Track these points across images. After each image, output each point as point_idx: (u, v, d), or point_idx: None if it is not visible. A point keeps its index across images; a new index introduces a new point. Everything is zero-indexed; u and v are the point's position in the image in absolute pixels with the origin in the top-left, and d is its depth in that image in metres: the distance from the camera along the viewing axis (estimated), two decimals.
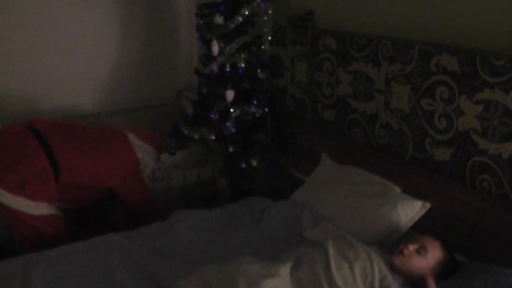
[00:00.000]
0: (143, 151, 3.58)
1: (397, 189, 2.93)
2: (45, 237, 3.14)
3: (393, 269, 2.43)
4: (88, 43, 4.26)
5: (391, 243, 2.74)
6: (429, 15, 2.96)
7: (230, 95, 3.64)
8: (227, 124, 3.68)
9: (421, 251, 2.43)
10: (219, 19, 3.56)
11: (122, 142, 3.50)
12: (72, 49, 4.20)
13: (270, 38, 3.76)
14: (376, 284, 2.34)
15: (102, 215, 3.85)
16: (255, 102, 3.77)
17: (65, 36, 4.15)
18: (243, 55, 3.67)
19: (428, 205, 2.80)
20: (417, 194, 2.86)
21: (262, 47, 3.76)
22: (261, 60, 3.77)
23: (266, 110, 3.85)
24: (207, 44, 3.70)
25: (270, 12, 3.66)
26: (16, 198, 3.05)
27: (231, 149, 3.78)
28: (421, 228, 2.74)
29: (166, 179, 4.06)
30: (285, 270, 2.41)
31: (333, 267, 2.37)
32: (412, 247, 2.45)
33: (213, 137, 3.75)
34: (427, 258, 2.42)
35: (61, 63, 4.18)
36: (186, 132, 3.85)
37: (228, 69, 3.68)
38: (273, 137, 3.98)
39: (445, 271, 2.44)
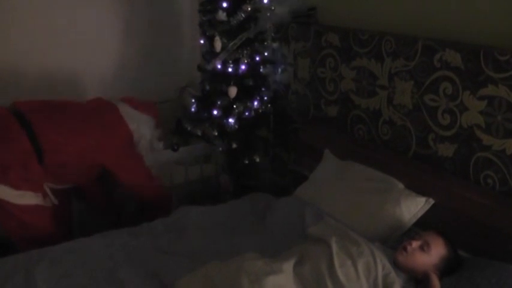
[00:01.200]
0: (138, 121, 3.43)
1: (401, 186, 2.92)
2: (31, 229, 3.07)
3: (396, 265, 2.43)
4: (90, 40, 4.25)
5: (394, 240, 2.73)
6: (432, 11, 2.95)
7: (233, 91, 3.64)
8: (230, 120, 3.67)
9: (424, 247, 2.42)
10: (221, 15, 3.55)
11: (110, 114, 3.35)
12: (74, 46, 4.19)
13: (272, 34, 3.76)
14: (380, 280, 2.33)
15: (113, 207, 3.81)
16: (258, 98, 3.76)
17: (68, 33, 4.15)
18: (245, 51, 3.66)
19: (431, 201, 2.80)
20: (420, 190, 2.85)
21: (265, 43, 3.76)
22: (264, 56, 3.77)
23: (269, 106, 3.84)
24: (210, 40, 3.69)
25: (272, 8, 3.65)
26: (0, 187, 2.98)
27: (234, 145, 3.78)
28: (424, 225, 2.73)
29: (170, 175, 4.06)
30: (288, 266, 2.41)
31: (336, 264, 2.37)
32: (415, 244, 2.44)
33: (216, 134, 3.75)
34: (430, 254, 2.42)
35: (63, 60, 4.17)
36: (189, 128, 3.85)
37: (231, 66, 3.67)
38: (275, 133, 3.98)
39: (448, 267, 2.43)
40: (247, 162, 3.85)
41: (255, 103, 3.74)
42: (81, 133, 3.15)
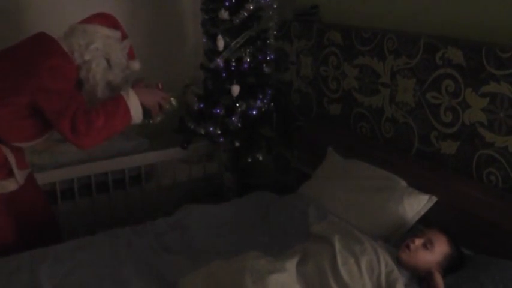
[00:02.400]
0: (94, 33, 2.92)
1: (403, 183, 2.92)
2: None
3: (400, 263, 2.42)
4: None
5: (397, 238, 2.73)
6: (434, 8, 2.95)
7: (236, 89, 3.65)
8: (233, 119, 3.68)
9: (427, 245, 2.42)
10: (224, 14, 3.56)
11: (35, 42, 2.88)
12: None
13: (275, 32, 3.76)
14: (383, 278, 2.33)
15: None
16: (261, 96, 3.77)
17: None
18: (248, 50, 3.67)
19: (434, 199, 2.79)
20: (423, 188, 2.84)
21: (268, 42, 3.76)
22: (267, 54, 3.77)
23: (272, 104, 3.85)
24: (213, 38, 3.70)
25: (275, 6, 3.66)
26: None
27: (237, 144, 3.79)
28: (427, 222, 2.73)
29: (173, 173, 4.07)
30: (291, 265, 2.41)
31: (339, 262, 2.37)
32: (418, 241, 2.44)
33: (219, 132, 3.75)
34: (433, 252, 2.41)
35: None
36: (192, 127, 3.86)
37: (234, 64, 3.68)
38: (278, 131, 3.98)
39: (451, 265, 2.43)
40: (250, 160, 3.86)
41: (258, 101, 3.74)
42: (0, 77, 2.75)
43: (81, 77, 2.87)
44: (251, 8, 3.58)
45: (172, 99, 3.03)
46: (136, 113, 2.86)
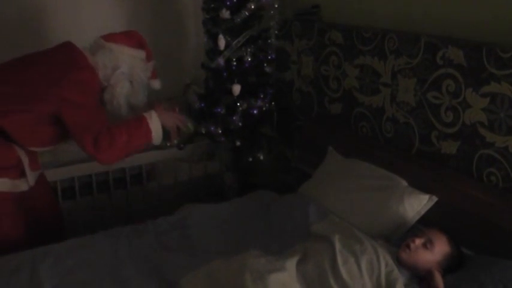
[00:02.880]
0: (120, 54, 2.98)
1: (404, 183, 2.92)
2: None
3: (400, 263, 2.43)
4: (93, 38, 4.26)
5: (397, 237, 2.73)
6: (435, 8, 2.95)
7: (237, 89, 3.65)
8: (234, 118, 3.68)
9: (427, 245, 2.43)
10: (225, 13, 3.56)
11: (63, 52, 2.95)
12: (78, 43, 4.19)
13: (276, 31, 3.76)
14: (383, 278, 2.34)
15: None
16: (262, 96, 3.77)
17: (70, 32, 4.15)
18: (249, 49, 3.67)
19: (435, 199, 2.80)
20: (424, 188, 2.85)
21: (269, 41, 3.77)
22: (268, 54, 3.77)
23: (273, 103, 3.85)
24: (214, 38, 3.70)
25: (276, 6, 3.66)
26: None
27: (237, 143, 3.79)
28: (427, 222, 2.73)
29: (174, 172, 4.07)
30: (292, 264, 2.41)
31: (339, 261, 2.37)
32: (418, 241, 2.44)
33: (220, 131, 3.75)
34: (433, 252, 2.42)
35: None
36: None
37: (235, 63, 3.68)
38: (279, 130, 3.99)
39: (451, 265, 2.44)
40: (251, 159, 3.86)
41: (259, 101, 3.75)
42: (26, 84, 2.80)
43: (105, 98, 2.98)
44: (252, 7, 3.58)
45: (189, 123, 3.20)
46: (156, 135, 2.96)
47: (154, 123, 2.95)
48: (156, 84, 3.27)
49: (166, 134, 3.04)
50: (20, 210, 2.96)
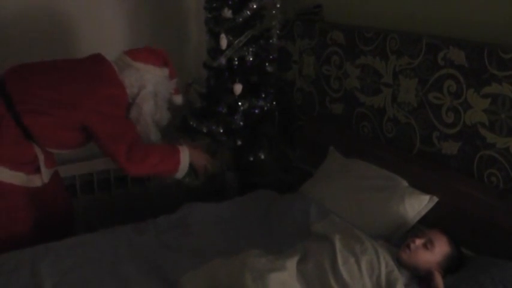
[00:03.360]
0: (146, 73, 3.06)
1: (405, 183, 2.93)
2: (1, 214, 2.88)
3: (400, 263, 2.43)
4: (95, 36, 4.26)
5: (398, 238, 2.73)
6: (437, 9, 2.95)
7: (238, 88, 3.65)
8: (235, 117, 3.68)
9: (428, 245, 2.43)
10: (227, 12, 3.56)
11: (95, 64, 3.04)
12: (77, 44, 4.20)
13: (278, 31, 3.76)
14: (383, 278, 2.34)
15: None
16: (263, 95, 3.77)
17: (72, 31, 4.16)
18: (251, 48, 3.67)
19: (435, 199, 2.80)
20: (424, 188, 2.85)
21: (271, 41, 3.77)
22: (269, 53, 3.77)
23: (274, 103, 3.85)
24: (216, 37, 3.70)
25: (278, 5, 3.66)
26: None
27: (239, 142, 3.79)
28: (428, 223, 2.74)
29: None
30: (292, 264, 2.41)
31: (340, 261, 2.37)
32: (419, 241, 2.45)
33: (221, 130, 3.75)
34: (434, 252, 2.42)
35: (68, 56, 4.17)
36: (194, 125, 3.86)
37: (236, 63, 3.68)
38: (280, 130, 3.99)
39: (452, 265, 2.44)
40: (252, 159, 3.86)
41: (260, 100, 3.75)
42: (55, 90, 2.86)
43: (131, 115, 3.07)
44: (254, 6, 3.57)
45: (215, 163, 3.44)
46: (182, 168, 3.11)
47: (184, 159, 3.09)
48: (178, 99, 3.40)
49: (191, 171, 3.20)
50: (32, 205, 3.00)
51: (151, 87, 3.09)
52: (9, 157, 2.84)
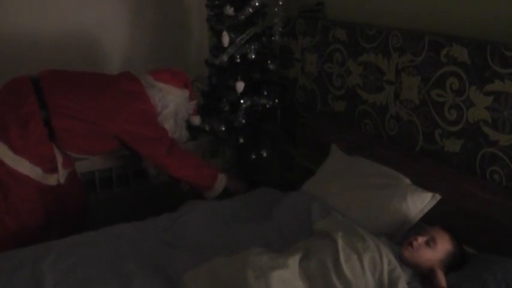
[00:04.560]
0: (168, 94, 3.33)
1: (407, 181, 2.92)
2: (16, 206, 3.01)
3: (402, 261, 2.43)
4: (98, 34, 4.27)
5: (400, 235, 2.73)
6: (439, 6, 2.95)
7: (240, 86, 3.65)
8: (237, 115, 3.68)
9: (430, 243, 2.43)
10: (229, 10, 3.56)
11: (129, 84, 3.26)
12: (78, 43, 4.20)
13: (280, 29, 3.76)
14: (385, 275, 2.34)
15: None
16: (265, 93, 3.77)
17: (74, 28, 4.16)
18: (253, 46, 3.67)
19: (438, 197, 2.79)
20: (427, 186, 2.85)
21: (273, 38, 3.77)
22: (271, 51, 3.77)
23: (276, 101, 3.85)
24: (218, 35, 3.70)
25: (280, 3, 3.65)
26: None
27: (241, 140, 3.79)
28: (430, 220, 2.73)
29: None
30: (294, 261, 2.41)
31: (342, 259, 2.37)
32: (421, 239, 2.45)
33: (223, 128, 3.75)
34: (436, 250, 2.42)
35: (69, 56, 4.18)
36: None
37: (238, 60, 3.68)
38: (283, 128, 3.98)
39: (454, 263, 2.44)
40: (254, 157, 3.86)
41: (263, 98, 3.75)
42: (92, 100, 3.08)
43: None
44: (256, 4, 3.57)
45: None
46: (217, 189, 3.47)
47: (221, 179, 3.47)
48: (197, 120, 3.69)
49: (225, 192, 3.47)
50: (46, 200, 3.12)
51: (172, 107, 3.36)
52: (31, 152, 2.98)
